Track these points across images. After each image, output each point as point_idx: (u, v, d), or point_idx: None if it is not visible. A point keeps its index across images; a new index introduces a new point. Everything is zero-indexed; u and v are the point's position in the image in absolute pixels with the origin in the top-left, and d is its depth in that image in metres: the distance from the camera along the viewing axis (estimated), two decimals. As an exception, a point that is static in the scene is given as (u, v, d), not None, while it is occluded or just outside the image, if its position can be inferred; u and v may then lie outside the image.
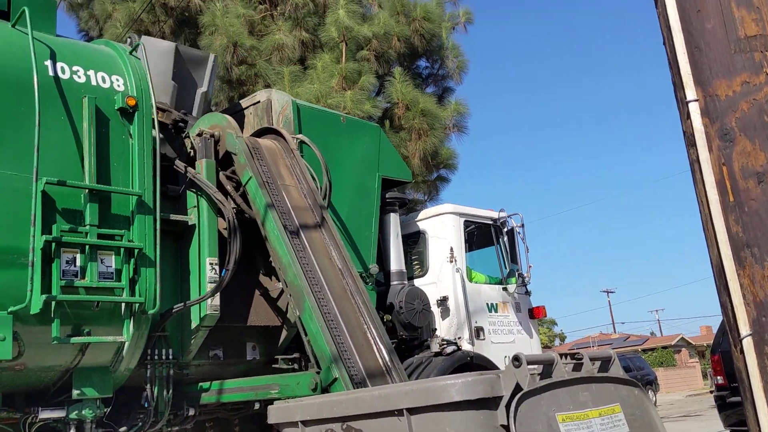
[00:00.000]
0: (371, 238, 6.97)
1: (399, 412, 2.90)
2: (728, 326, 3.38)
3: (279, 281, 5.60)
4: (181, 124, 5.89)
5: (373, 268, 6.78)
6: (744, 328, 3.24)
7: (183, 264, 5.54)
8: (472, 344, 7.60)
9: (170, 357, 5.31)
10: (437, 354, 7.05)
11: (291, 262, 5.13)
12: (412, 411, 2.87)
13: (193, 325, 5.33)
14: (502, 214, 8.47)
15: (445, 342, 7.17)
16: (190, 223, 5.50)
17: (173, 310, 5.20)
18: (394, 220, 7.57)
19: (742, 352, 3.25)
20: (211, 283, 5.29)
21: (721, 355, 8.82)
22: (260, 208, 5.39)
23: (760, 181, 3.27)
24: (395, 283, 7.35)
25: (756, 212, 3.26)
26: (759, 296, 3.22)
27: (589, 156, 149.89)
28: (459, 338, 7.41)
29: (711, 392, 12.89)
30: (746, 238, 3.27)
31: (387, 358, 4.98)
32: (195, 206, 5.54)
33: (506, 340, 7.99)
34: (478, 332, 7.70)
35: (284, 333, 5.89)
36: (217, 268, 5.35)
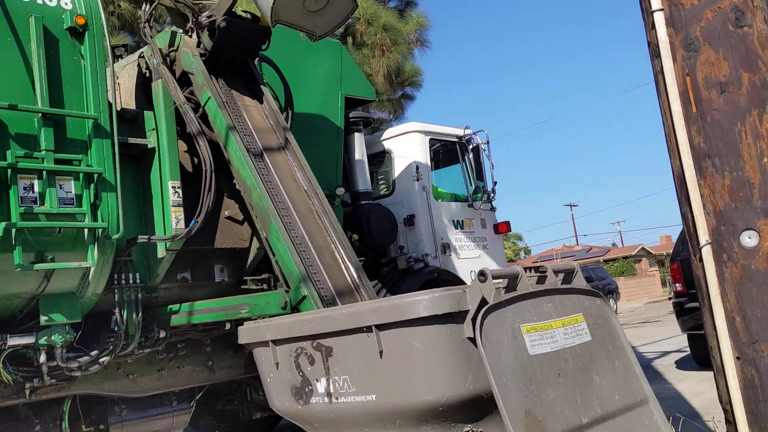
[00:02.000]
0: (336, 159, 6.91)
1: (368, 329, 2.94)
2: (688, 235, 3.45)
3: (244, 203, 5.56)
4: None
5: (339, 188, 6.75)
6: (703, 237, 3.32)
7: (145, 188, 5.45)
8: (439, 261, 7.70)
9: (138, 281, 5.28)
10: (405, 271, 7.14)
11: (255, 184, 5.07)
12: (381, 327, 2.91)
13: (159, 249, 5.30)
14: (467, 132, 8.44)
15: (412, 259, 7.26)
16: (149, 146, 5.37)
17: (138, 240, 5.13)
18: (358, 139, 7.50)
19: (701, 260, 3.34)
20: (174, 206, 5.22)
21: (680, 264, 9.09)
22: (221, 130, 5.28)
23: (723, 91, 3.28)
24: (362, 203, 7.35)
25: (718, 122, 3.29)
26: (719, 206, 3.28)
27: (553, 70, 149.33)
28: (426, 255, 7.50)
29: (669, 299, 13.34)
30: (708, 148, 3.31)
31: (355, 277, 5.02)
32: (153, 129, 5.40)
33: (472, 256, 8.11)
34: (444, 249, 7.80)
35: (252, 254, 5.88)
36: (180, 191, 5.27)
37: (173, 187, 5.27)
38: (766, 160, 3.20)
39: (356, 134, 7.46)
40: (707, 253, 3.30)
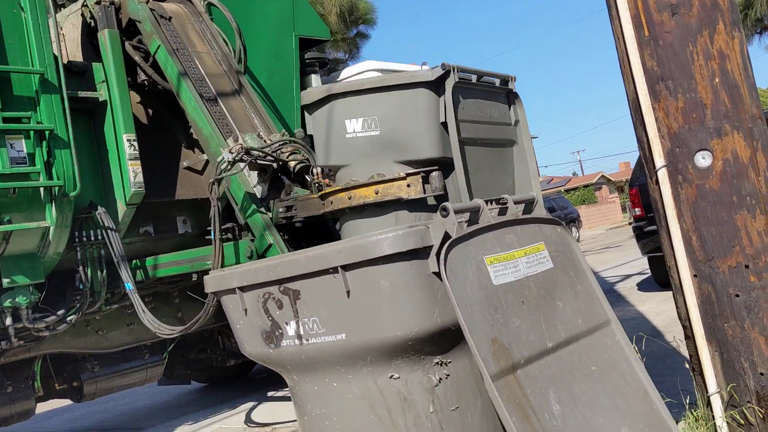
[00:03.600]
0: (293, 102, 6.81)
1: (334, 270, 2.96)
2: (644, 159, 3.51)
3: (203, 153, 5.48)
4: None
5: (299, 132, 6.68)
6: (659, 160, 3.37)
7: (100, 143, 5.34)
8: (403, 199, 7.72)
9: (99, 237, 5.23)
10: (370, 211, 7.15)
11: (212, 133, 4.99)
12: (347, 267, 2.93)
13: (119, 204, 5.22)
14: (425, 68, 8.36)
15: (376, 199, 7.26)
16: (101, 99, 5.24)
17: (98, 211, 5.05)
18: (315, 81, 7.38)
19: (657, 183, 3.40)
20: (131, 160, 5.14)
21: (639, 188, 9.24)
22: (173, 78, 5.15)
23: (674, 13, 3.29)
24: (322, 145, 7.29)
25: (670, 45, 3.31)
26: (673, 128, 3.33)
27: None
28: (390, 194, 7.50)
29: (630, 224, 13.62)
30: (661, 71, 3.33)
31: (319, 220, 5.01)
32: (104, 81, 5.26)
33: (436, 193, 8.14)
34: (407, 187, 7.81)
35: (214, 204, 5.84)
36: (135, 144, 5.17)
37: (128, 140, 5.17)
38: (717, 80, 3.24)
39: (312, 76, 7.33)
40: (663, 175, 3.36)
